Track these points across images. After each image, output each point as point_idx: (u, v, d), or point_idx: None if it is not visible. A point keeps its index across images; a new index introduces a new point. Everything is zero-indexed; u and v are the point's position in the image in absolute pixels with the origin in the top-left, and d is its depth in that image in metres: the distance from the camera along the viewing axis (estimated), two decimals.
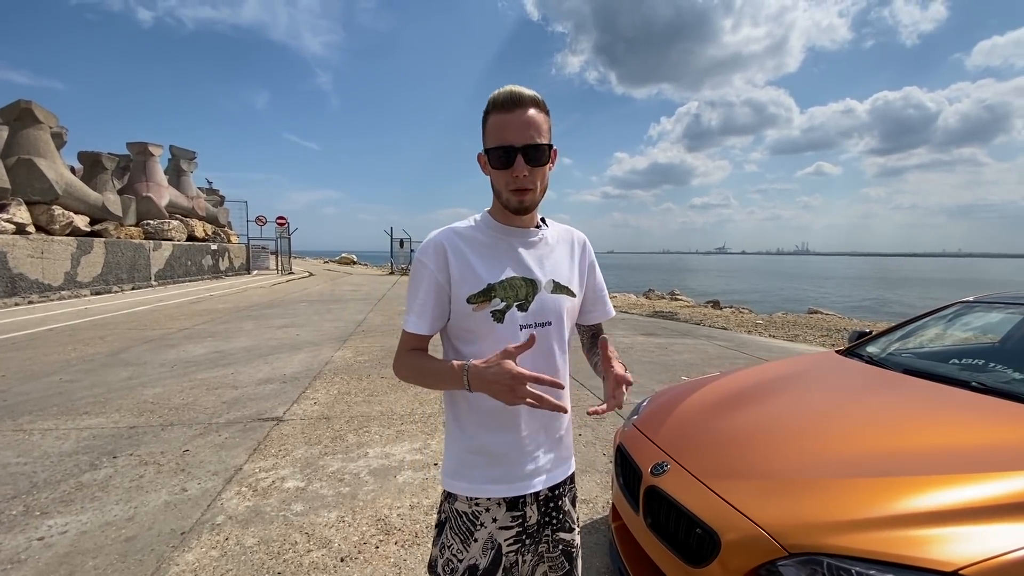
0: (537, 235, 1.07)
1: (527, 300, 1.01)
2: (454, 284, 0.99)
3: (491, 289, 0.98)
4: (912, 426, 1.71)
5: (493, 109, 0.95)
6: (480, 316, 0.98)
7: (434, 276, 0.99)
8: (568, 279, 1.09)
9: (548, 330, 1.03)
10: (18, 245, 10.73)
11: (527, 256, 1.04)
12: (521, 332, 0.99)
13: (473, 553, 1.01)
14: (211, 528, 2.34)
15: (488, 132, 0.96)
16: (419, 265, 1.01)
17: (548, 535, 1.09)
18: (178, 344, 6.69)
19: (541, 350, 1.01)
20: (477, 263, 0.99)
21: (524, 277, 1.02)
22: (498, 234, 1.04)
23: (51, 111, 13.62)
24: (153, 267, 16.20)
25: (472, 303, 0.98)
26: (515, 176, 0.94)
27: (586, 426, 3.69)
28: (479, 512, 1.02)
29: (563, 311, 1.05)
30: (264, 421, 3.76)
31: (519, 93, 0.93)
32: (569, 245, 1.14)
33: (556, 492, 1.09)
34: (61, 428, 3.57)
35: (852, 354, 2.59)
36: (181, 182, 21.97)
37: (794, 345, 7.51)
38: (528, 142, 0.93)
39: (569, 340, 1.10)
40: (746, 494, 1.48)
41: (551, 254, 1.08)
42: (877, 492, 1.34)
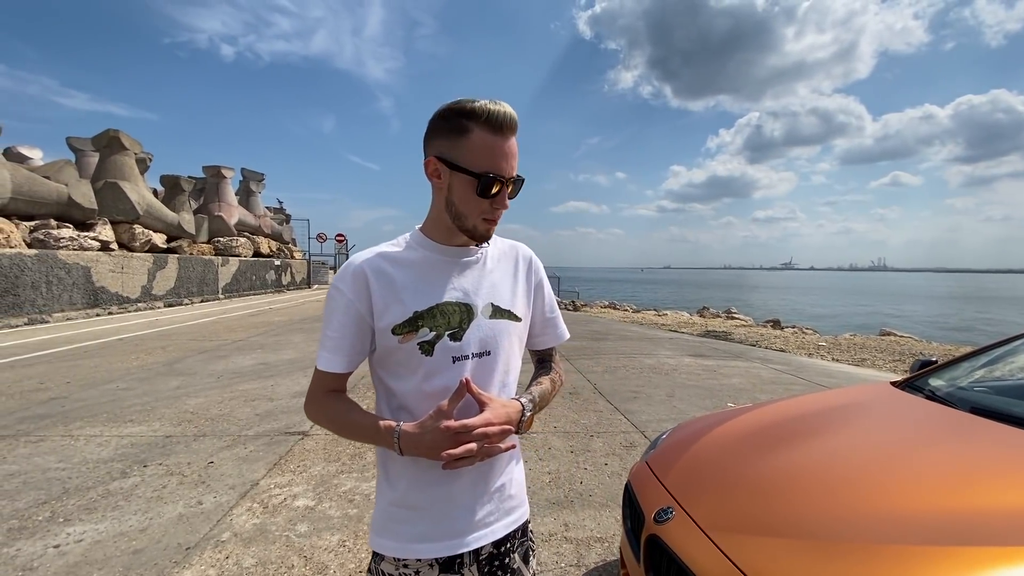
0: (475, 254, 0.95)
1: (461, 328, 0.89)
2: (376, 314, 0.87)
3: (418, 318, 0.87)
4: (975, 480, 1.42)
5: (485, 126, 0.81)
6: (408, 348, 0.87)
7: (352, 305, 0.87)
8: (510, 302, 0.96)
9: (487, 360, 0.91)
10: (101, 261, 11.75)
11: (462, 278, 0.92)
12: (455, 364, 0.88)
13: None
14: (215, 545, 2.33)
15: (472, 149, 0.82)
16: (334, 292, 0.89)
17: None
18: (229, 355, 7.01)
19: (479, 384, 0.88)
20: (403, 289, 0.88)
21: (459, 302, 0.90)
22: (432, 254, 0.92)
23: (140, 139, 14.97)
24: (221, 281, 17.29)
25: (397, 334, 0.86)
26: (495, 208, 0.86)
27: (613, 455, 3.46)
28: (408, 575, 0.89)
29: (504, 338, 0.93)
30: (290, 435, 3.79)
31: (514, 117, 0.83)
32: (513, 262, 1.01)
33: (502, 548, 0.95)
34: (105, 435, 3.75)
35: (911, 387, 2.25)
36: (250, 202, 23.50)
37: (859, 371, 6.86)
38: (515, 174, 0.86)
39: (517, 368, 0.98)
40: (758, 554, 1.26)
41: (490, 274, 0.95)
42: (922, 564, 1.09)
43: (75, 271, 11.06)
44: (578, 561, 2.25)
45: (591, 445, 3.64)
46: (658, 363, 6.80)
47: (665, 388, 5.37)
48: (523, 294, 1.00)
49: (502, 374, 0.93)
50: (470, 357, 0.89)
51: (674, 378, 5.91)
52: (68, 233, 11.53)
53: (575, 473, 3.15)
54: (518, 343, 0.98)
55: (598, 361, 6.84)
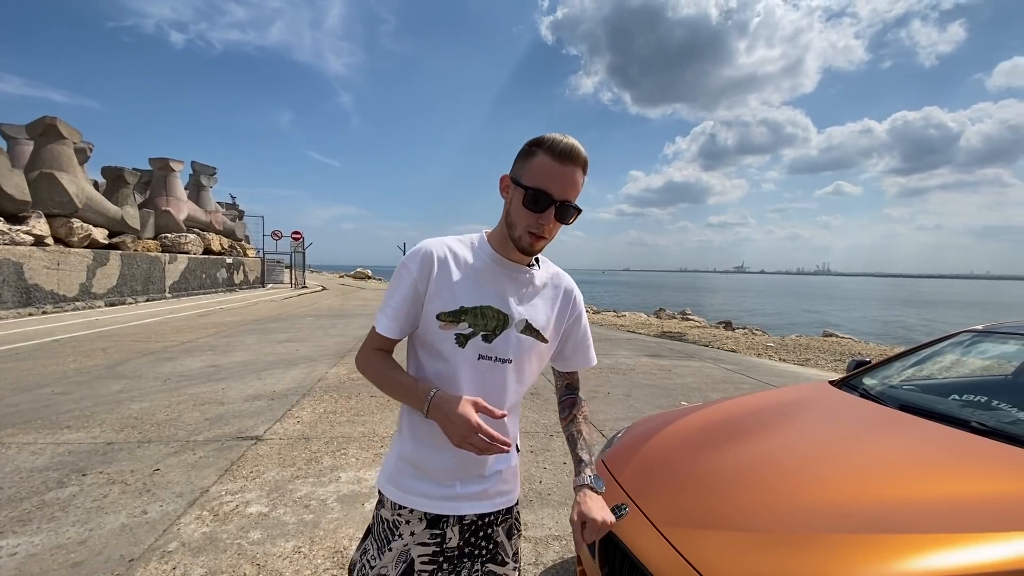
0: (527, 273, 1.06)
1: (494, 332, 1.00)
2: (430, 296, 0.98)
3: (462, 312, 0.98)
4: (899, 473, 1.54)
5: (548, 152, 0.93)
6: (444, 335, 0.98)
7: (415, 283, 0.99)
8: (543, 324, 1.06)
9: (506, 367, 1.02)
10: (35, 257, 10.99)
11: (509, 290, 1.03)
12: (479, 362, 0.99)
13: (385, 562, 1.00)
14: (161, 556, 2.24)
15: (532, 169, 0.94)
16: (403, 269, 1.00)
17: (476, 568, 1.05)
18: (176, 357, 6.70)
19: (494, 385, 1.01)
20: (458, 283, 0.99)
21: (499, 310, 1.01)
22: (490, 261, 1.03)
23: (81, 128, 14.07)
24: (168, 280, 16.47)
25: (441, 320, 0.98)
26: (540, 223, 0.95)
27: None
28: (400, 522, 1.02)
29: (527, 352, 1.04)
30: (243, 440, 3.67)
31: (578, 151, 0.94)
32: (555, 291, 1.11)
33: (486, 520, 1.06)
34: (40, 442, 3.53)
35: (847, 386, 2.42)
36: (201, 197, 22.47)
37: (804, 370, 7.23)
38: (566, 199, 0.95)
39: (531, 381, 1.10)
40: (706, 547, 1.33)
41: (534, 296, 1.07)
42: (852, 552, 1.18)
43: (5, 267, 10.29)
44: (536, 560, 2.29)
45: (551, 445, 3.70)
46: (616, 363, 6.96)
47: (623, 387, 5.51)
48: (555, 320, 1.09)
49: (516, 382, 1.04)
50: (494, 360, 1.00)
51: (631, 378, 6.07)
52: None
53: (534, 473, 3.20)
54: (538, 360, 1.08)
55: None
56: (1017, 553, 1.10)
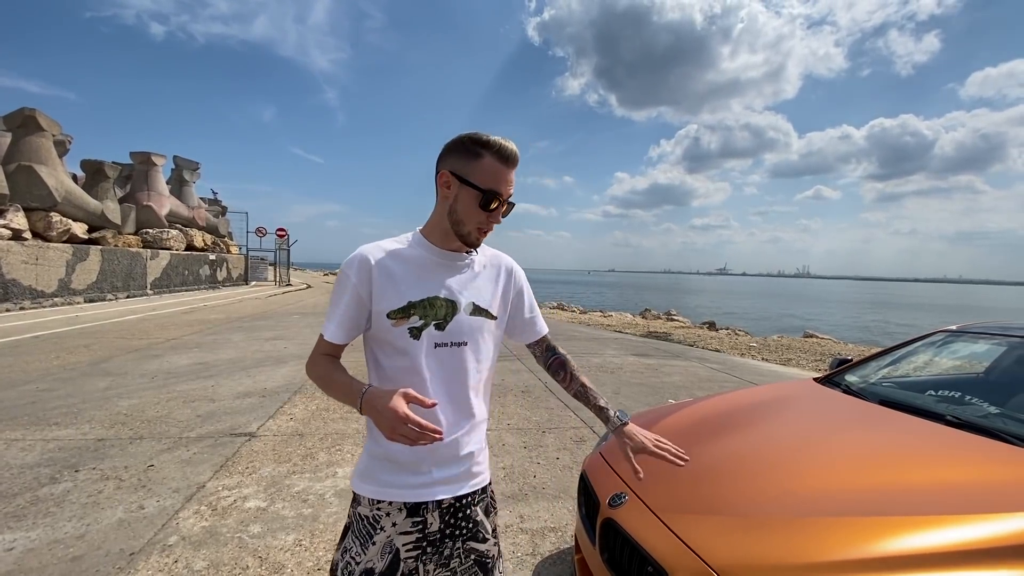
0: (465, 260, 1.12)
1: (445, 320, 1.05)
2: (375, 299, 1.03)
3: (410, 307, 1.03)
4: (880, 462, 1.64)
5: (496, 155, 1.00)
6: (398, 331, 1.02)
7: (356, 289, 1.02)
8: (489, 303, 1.13)
9: (463, 349, 1.08)
10: (12, 251, 10.73)
11: (452, 279, 1.09)
12: (436, 350, 1.04)
13: (370, 556, 1.02)
14: (162, 549, 2.25)
15: (482, 170, 1.00)
16: (343, 277, 1.04)
17: (458, 547, 1.08)
18: (163, 355, 6.63)
19: (456, 369, 1.07)
20: (401, 281, 1.04)
21: (445, 298, 1.06)
22: (428, 255, 1.08)
23: (57, 120, 13.76)
24: (149, 276, 16.19)
25: (392, 319, 1.02)
26: (490, 221, 1.05)
27: (564, 450, 3.61)
28: (380, 516, 1.04)
29: (480, 332, 1.10)
30: (236, 436, 3.68)
31: (517, 154, 1.03)
32: (496, 270, 1.19)
33: (463, 502, 1.10)
34: (28, 439, 3.49)
35: (830, 382, 2.53)
36: (183, 192, 22.11)
37: (786, 369, 7.42)
38: (510, 198, 1.05)
39: (491, 358, 1.15)
40: (702, 531, 1.41)
41: (476, 278, 1.13)
42: (836, 533, 1.27)
43: None
44: (533, 550, 2.36)
45: (543, 440, 3.77)
46: (604, 362, 7.07)
47: (611, 386, 5.61)
48: (501, 297, 1.17)
49: (475, 361, 1.10)
50: (450, 345, 1.06)
51: (620, 376, 6.18)
52: None
53: (528, 467, 3.27)
54: (491, 337, 1.14)
55: None
56: (991, 533, 1.20)
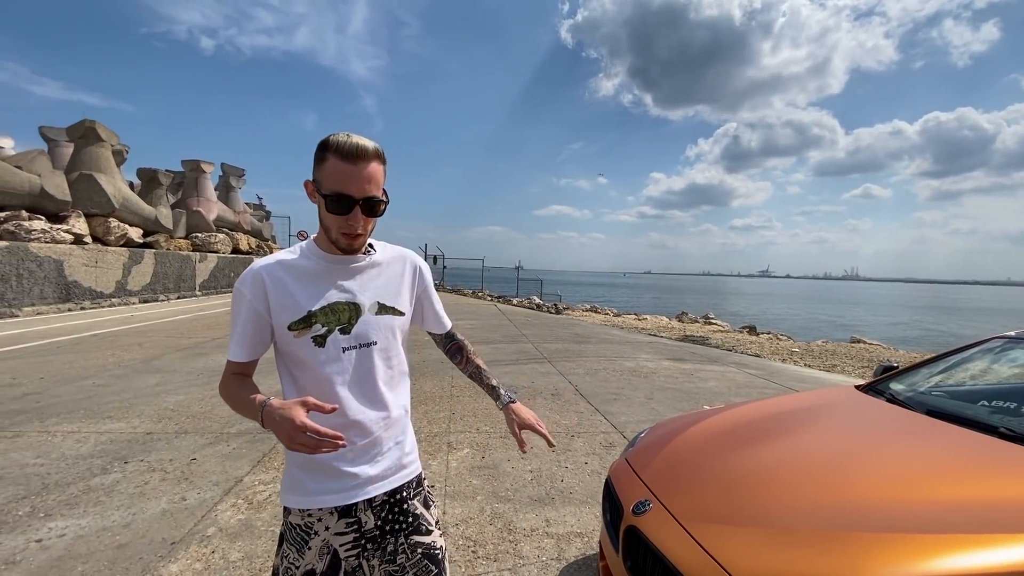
0: (363, 260, 1.10)
1: (350, 323, 1.05)
2: (274, 313, 1.02)
3: (311, 316, 1.02)
4: (924, 475, 1.54)
5: (334, 154, 0.95)
6: (302, 342, 1.02)
7: (252, 305, 1.01)
8: (395, 300, 1.14)
9: (372, 350, 1.08)
10: (74, 254, 11.46)
11: (351, 281, 1.08)
12: (344, 354, 1.04)
13: (309, 560, 1.03)
14: (200, 540, 2.35)
15: (327, 175, 0.96)
16: (238, 295, 1.03)
17: (401, 541, 1.10)
18: (208, 353, 6.93)
19: (367, 370, 1.07)
20: (297, 291, 1.02)
21: (348, 301, 1.06)
22: (322, 262, 1.06)
23: (115, 131, 14.62)
24: (198, 278, 16.97)
25: (293, 330, 1.01)
26: (350, 224, 0.99)
27: (593, 455, 3.56)
28: (311, 523, 1.04)
29: (388, 329, 1.11)
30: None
31: (364, 147, 0.96)
32: (400, 266, 1.18)
33: (398, 497, 1.11)
34: (83, 431, 3.71)
35: (873, 390, 2.40)
36: (230, 197, 23.08)
37: (830, 376, 7.10)
38: (367, 195, 0.98)
39: (401, 354, 1.16)
40: (728, 542, 1.36)
41: (377, 277, 1.12)
42: (879, 549, 1.20)
43: (47, 264, 10.77)
44: (559, 555, 2.33)
45: (572, 445, 3.74)
46: (637, 366, 6.94)
47: (644, 391, 5.50)
48: (408, 293, 1.18)
49: (384, 359, 1.10)
50: (357, 347, 1.06)
51: (653, 381, 6.05)
52: (40, 225, 11.22)
53: (556, 472, 3.24)
54: (401, 333, 1.15)
55: (579, 364, 6.96)
56: None
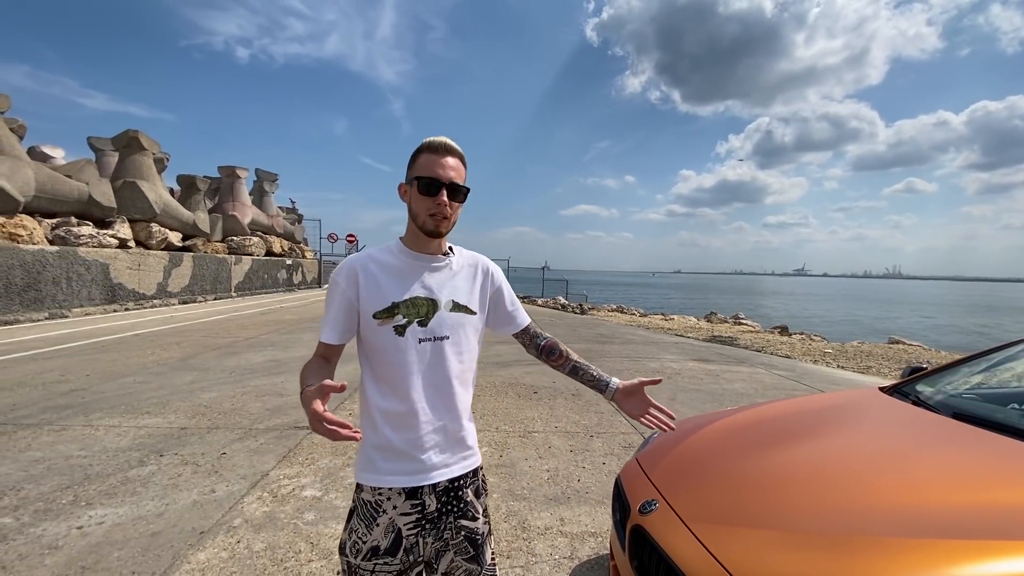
0: (443, 261, 1.22)
1: (427, 317, 1.15)
2: (362, 302, 1.14)
3: (395, 307, 1.13)
4: (951, 479, 1.49)
5: (426, 151, 1.13)
6: (384, 330, 1.13)
7: (345, 294, 1.14)
8: (467, 299, 1.23)
9: (445, 343, 1.17)
10: (119, 258, 12.04)
11: (431, 279, 1.19)
12: (420, 345, 1.14)
13: (375, 536, 1.12)
14: (227, 530, 2.45)
15: (419, 167, 1.13)
16: (333, 284, 1.16)
17: (451, 522, 1.18)
18: (241, 352, 7.18)
19: (439, 361, 1.16)
20: (385, 284, 1.14)
21: (426, 297, 1.16)
22: (408, 259, 1.18)
23: (157, 139, 15.30)
24: (234, 279, 17.58)
25: (377, 319, 1.12)
26: (438, 204, 1.12)
27: (612, 455, 3.54)
28: (381, 501, 1.13)
29: (461, 326, 1.20)
30: (299, 429, 3.92)
31: (449, 144, 1.14)
32: (473, 270, 1.28)
33: (456, 484, 1.19)
34: (123, 425, 3.91)
35: (898, 392, 2.32)
36: (264, 202, 23.83)
37: (864, 378, 6.86)
38: (453, 180, 1.13)
39: (473, 351, 1.24)
40: (734, 543, 1.35)
41: (454, 278, 1.23)
42: (888, 554, 1.17)
43: (94, 268, 11.35)
44: (572, 554, 2.34)
45: (591, 445, 3.73)
46: (662, 367, 6.86)
47: (667, 391, 5.44)
48: (479, 294, 1.27)
49: (457, 354, 1.19)
50: (432, 340, 1.15)
51: (677, 382, 5.98)
52: (88, 231, 11.83)
53: (573, 471, 3.24)
54: (473, 331, 1.24)
55: (603, 364, 6.92)
56: None
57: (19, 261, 9.67)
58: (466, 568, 1.20)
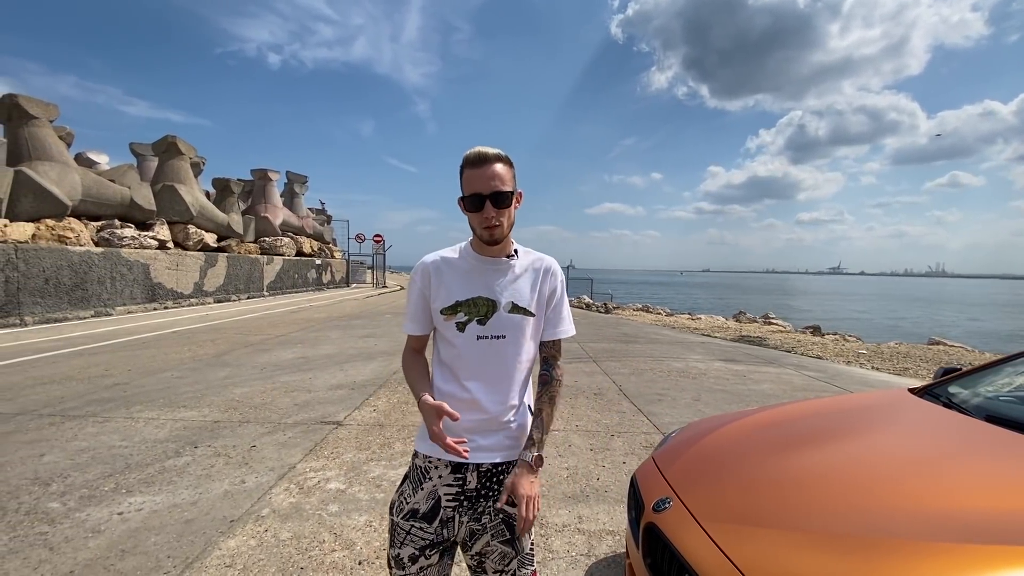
0: (507, 264, 1.28)
1: (486, 316, 1.23)
2: (432, 298, 1.26)
3: (457, 305, 1.23)
4: (981, 482, 1.44)
5: (466, 166, 1.17)
6: (448, 325, 1.24)
7: (420, 291, 1.27)
8: (527, 302, 1.28)
9: (502, 342, 1.24)
10: (159, 259, 12.56)
11: (494, 280, 1.26)
12: (478, 342, 1.23)
13: (418, 499, 1.22)
14: (256, 519, 2.55)
15: (464, 183, 1.19)
16: (411, 281, 1.30)
17: (489, 505, 1.24)
18: (271, 349, 7.41)
19: (495, 358, 1.24)
20: (452, 283, 1.24)
21: (487, 297, 1.24)
22: (474, 262, 1.27)
23: (194, 144, 15.87)
24: (266, 279, 18.10)
25: (443, 314, 1.24)
26: (485, 217, 1.17)
27: (632, 454, 3.53)
28: (429, 468, 1.24)
29: (517, 327, 1.25)
30: (325, 424, 4.04)
31: (484, 153, 1.17)
32: (535, 272, 1.31)
33: (498, 469, 1.26)
34: (161, 418, 4.10)
35: (929, 394, 2.25)
36: (294, 203, 24.43)
37: (900, 379, 6.62)
38: (493, 190, 1.16)
39: (530, 352, 1.30)
40: (747, 543, 1.34)
41: (516, 280, 1.28)
42: (911, 558, 1.14)
43: (136, 268, 11.87)
44: (589, 551, 2.35)
45: (611, 444, 3.72)
46: (687, 367, 6.77)
47: (691, 392, 5.37)
48: (538, 296, 1.31)
49: (514, 353, 1.26)
50: (490, 338, 1.23)
51: (702, 382, 5.89)
52: (130, 233, 12.38)
53: (592, 470, 3.25)
54: (531, 332, 1.29)
55: (625, 363, 6.87)
56: None
57: (67, 262, 10.19)
58: (502, 551, 1.24)
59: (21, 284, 9.24)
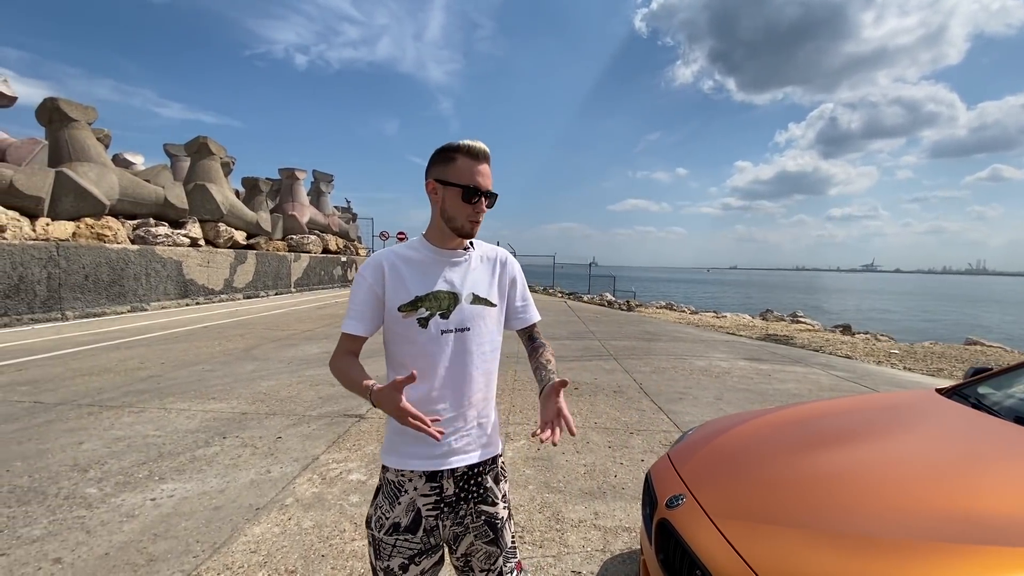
0: (463, 256, 1.27)
1: (448, 309, 1.20)
2: (388, 295, 1.19)
3: (417, 300, 1.18)
4: (1011, 484, 1.40)
5: (465, 154, 1.15)
6: (408, 322, 1.18)
7: (371, 288, 1.19)
8: (487, 292, 1.27)
9: (467, 334, 1.22)
10: (191, 256, 12.97)
11: (452, 273, 1.24)
12: (442, 336, 1.19)
13: (397, 513, 1.19)
14: (280, 508, 2.64)
15: (458, 171, 1.15)
16: (359, 278, 1.22)
17: (471, 508, 1.23)
18: (298, 344, 7.59)
19: (458, 350, 1.20)
20: (408, 278, 1.20)
21: (448, 291, 1.21)
22: (431, 255, 1.24)
23: (224, 145, 16.32)
24: (293, 276, 18.51)
25: (402, 311, 1.18)
26: (478, 212, 1.19)
27: (651, 452, 3.51)
28: (403, 481, 1.20)
29: (480, 318, 1.24)
30: (348, 417, 4.13)
31: (485, 150, 1.17)
32: (492, 263, 1.32)
33: (475, 471, 1.24)
34: (192, 409, 4.25)
35: (957, 394, 2.18)
36: (320, 202, 24.89)
37: (933, 380, 6.40)
38: (490, 189, 1.18)
39: (494, 343, 1.28)
40: (761, 541, 1.33)
41: (473, 271, 1.27)
42: (925, 558, 1.13)
43: (169, 265, 12.30)
44: (604, 547, 2.36)
45: (630, 442, 3.71)
46: (710, 365, 6.68)
47: (714, 391, 5.30)
48: (497, 286, 1.31)
49: (479, 345, 1.23)
50: (454, 331, 1.20)
51: (724, 381, 5.80)
52: (164, 231, 12.82)
53: (610, 467, 3.24)
54: (494, 323, 1.28)
55: (647, 362, 6.82)
56: None
57: (105, 259, 10.62)
58: (486, 550, 1.25)
59: (62, 280, 9.67)
